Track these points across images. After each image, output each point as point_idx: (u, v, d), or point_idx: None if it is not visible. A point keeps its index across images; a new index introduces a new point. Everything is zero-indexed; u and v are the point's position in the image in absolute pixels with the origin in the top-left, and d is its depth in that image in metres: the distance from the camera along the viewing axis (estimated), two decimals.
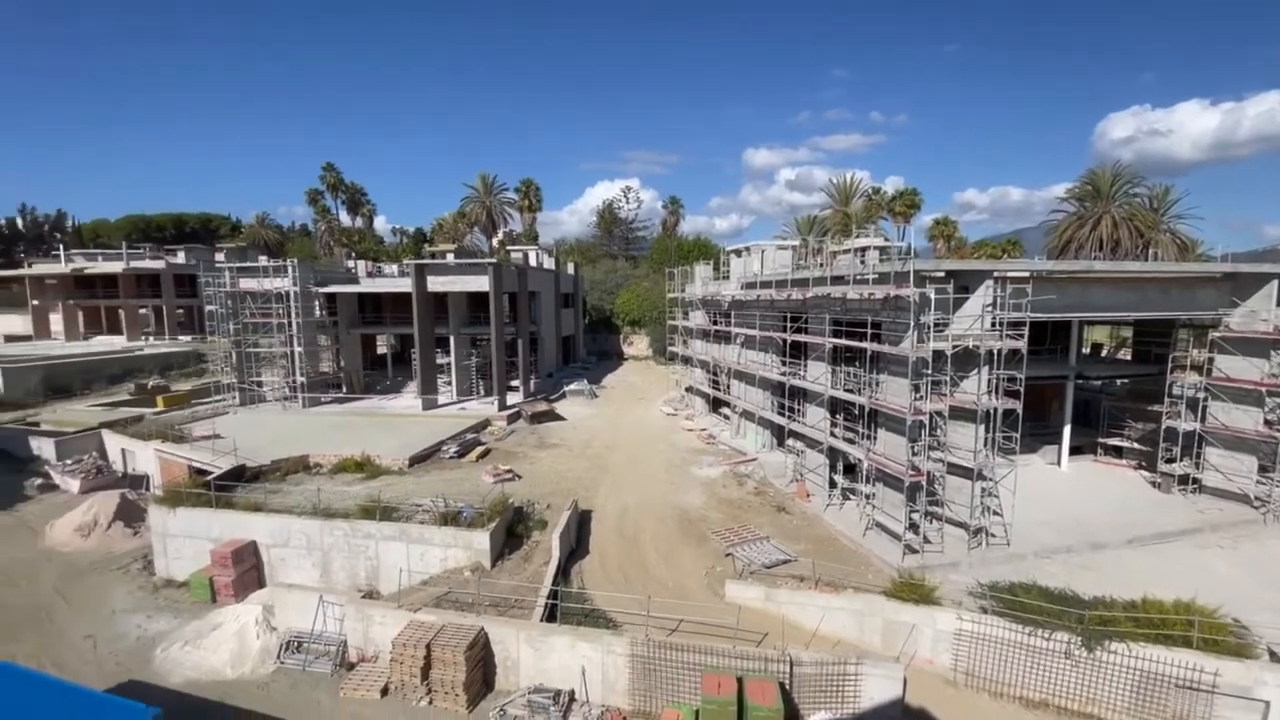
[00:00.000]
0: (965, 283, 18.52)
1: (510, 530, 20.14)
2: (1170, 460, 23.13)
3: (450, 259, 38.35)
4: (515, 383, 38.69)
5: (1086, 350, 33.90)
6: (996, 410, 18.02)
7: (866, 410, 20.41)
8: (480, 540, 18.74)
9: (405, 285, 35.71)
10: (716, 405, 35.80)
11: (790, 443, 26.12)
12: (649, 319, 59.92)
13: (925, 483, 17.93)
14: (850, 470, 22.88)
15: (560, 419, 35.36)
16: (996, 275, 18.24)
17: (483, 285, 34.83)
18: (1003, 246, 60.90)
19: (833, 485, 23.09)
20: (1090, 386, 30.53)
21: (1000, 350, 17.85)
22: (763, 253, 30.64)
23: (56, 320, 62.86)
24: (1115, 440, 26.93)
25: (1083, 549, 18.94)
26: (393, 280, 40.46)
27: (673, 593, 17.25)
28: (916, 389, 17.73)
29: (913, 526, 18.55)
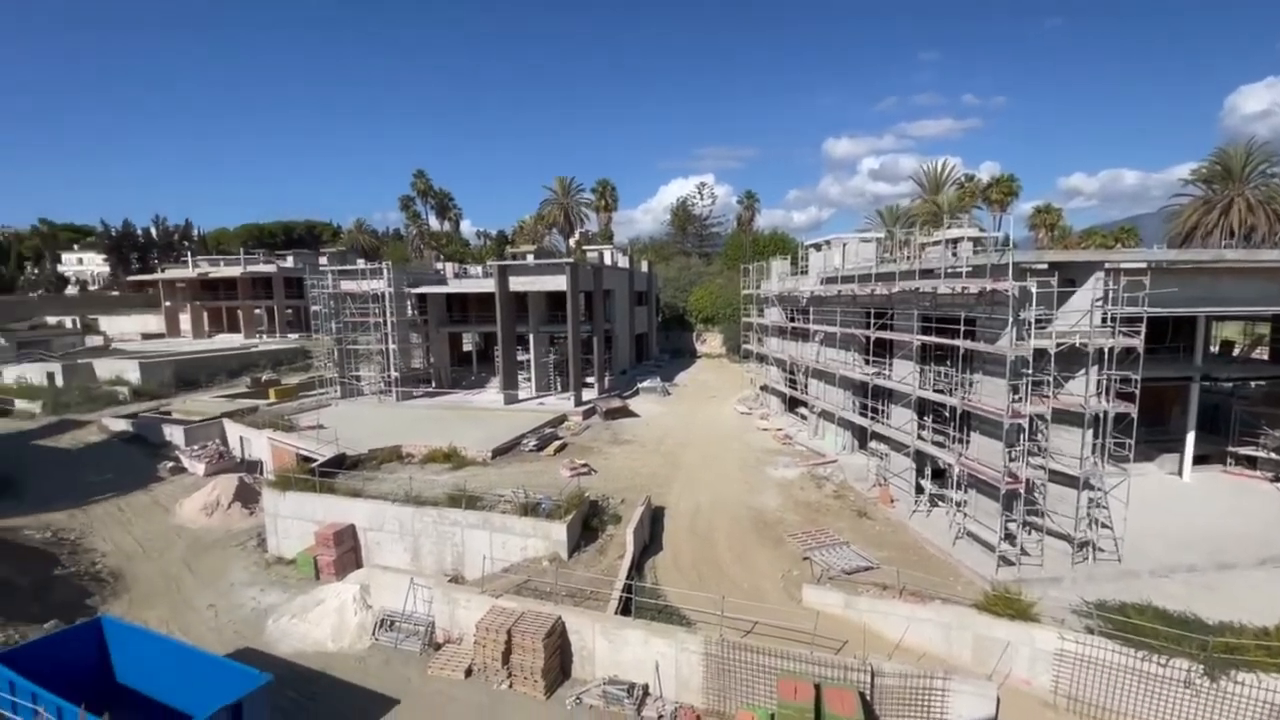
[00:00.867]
0: (1071, 275, 17.09)
1: (586, 523, 20.56)
2: None
3: (530, 260, 39.55)
4: (590, 379, 39.38)
5: (1215, 349, 30.39)
6: (1106, 414, 16.54)
7: (958, 412, 19.26)
8: (558, 531, 19.25)
9: (489, 286, 37.15)
10: (793, 405, 34.96)
11: (873, 445, 25.11)
12: (723, 316, 59.30)
13: (1024, 491, 16.74)
14: (939, 475, 21.73)
15: (634, 416, 35.69)
16: (1108, 267, 16.71)
17: (560, 285, 35.71)
18: (1115, 235, 55.85)
19: (919, 491, 22.00)
20: (1219, 389, 27.37)
21: (1112, 349, 16.36)
22: (844, 246, 29.56)
23: (185, 320, 70.11)
24: (1249, 449, 24.04)
25: (1207, 568, 17.07)
26: (477, 281, 42.18)
27: (747, 594, 17.03)
28: (1015, 390, 16.57)
29: (1009, 537, 17.38)
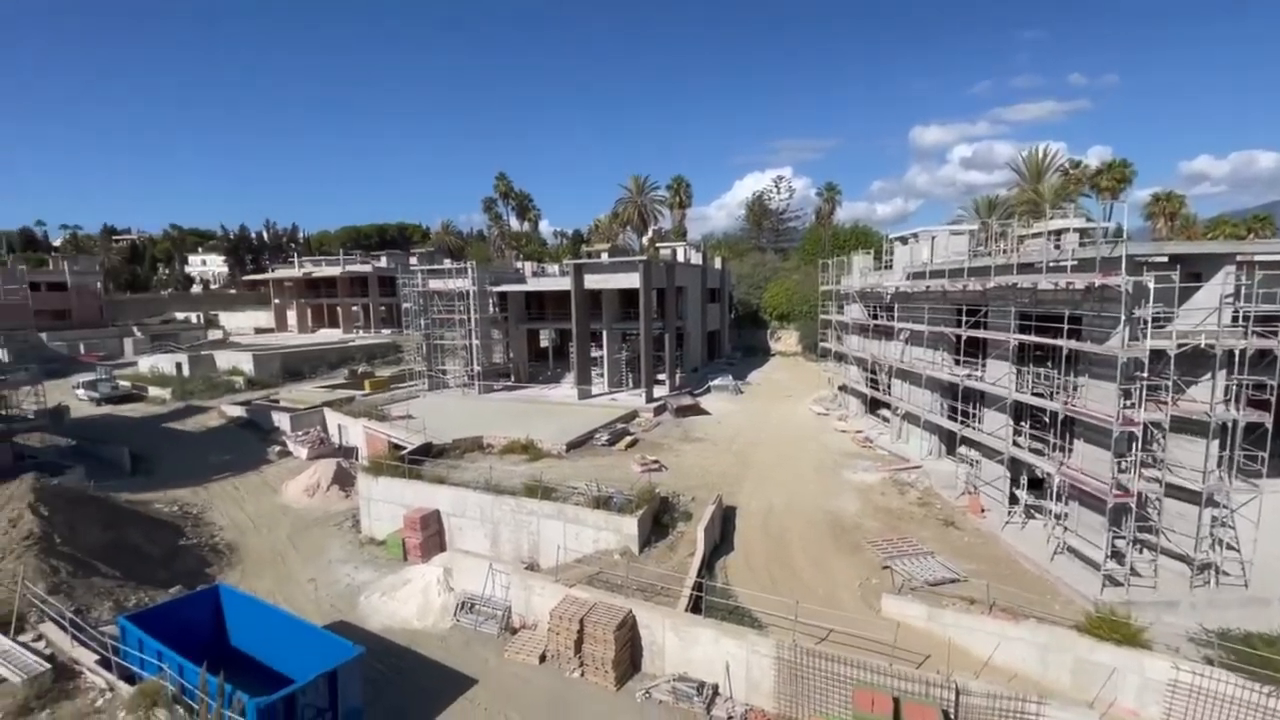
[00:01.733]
0: (1196, 268, 15.41)
1: (656, 519, 20.64)
2: None
3: (604, 258, 40.17)
4: (662, 376, 39.48)
5: None
6: (1236, 423, 14.81)
7: (1060, 418, 17.81)
8: (629, 526, 19.44)
9: (565, 284, 38.03)
10: (874, 406, 33.55)
11: (962, 451, 23.70)
12: (799, 313, 57.74)
13: (1135, 505, 15.30)
14: (1036, 485, 20.24)
15: (705, 414, 35.46)
16: (1240, 259, 14.94)
17: (633, 282, 36.02)
18: (1248, 224, 49.76)
19: (1014, 501, 20.58)
20: None
21: (1243, 350, 14.63)
22: (933, 239, 28.02)
23: (291, 315, 76.15)
24: None
25: None
26: (554, 279, 43.28)
27: (822, 600, 16.54)
28: (1127, 394, 15.17)
29: (1116, 555, 15.93)
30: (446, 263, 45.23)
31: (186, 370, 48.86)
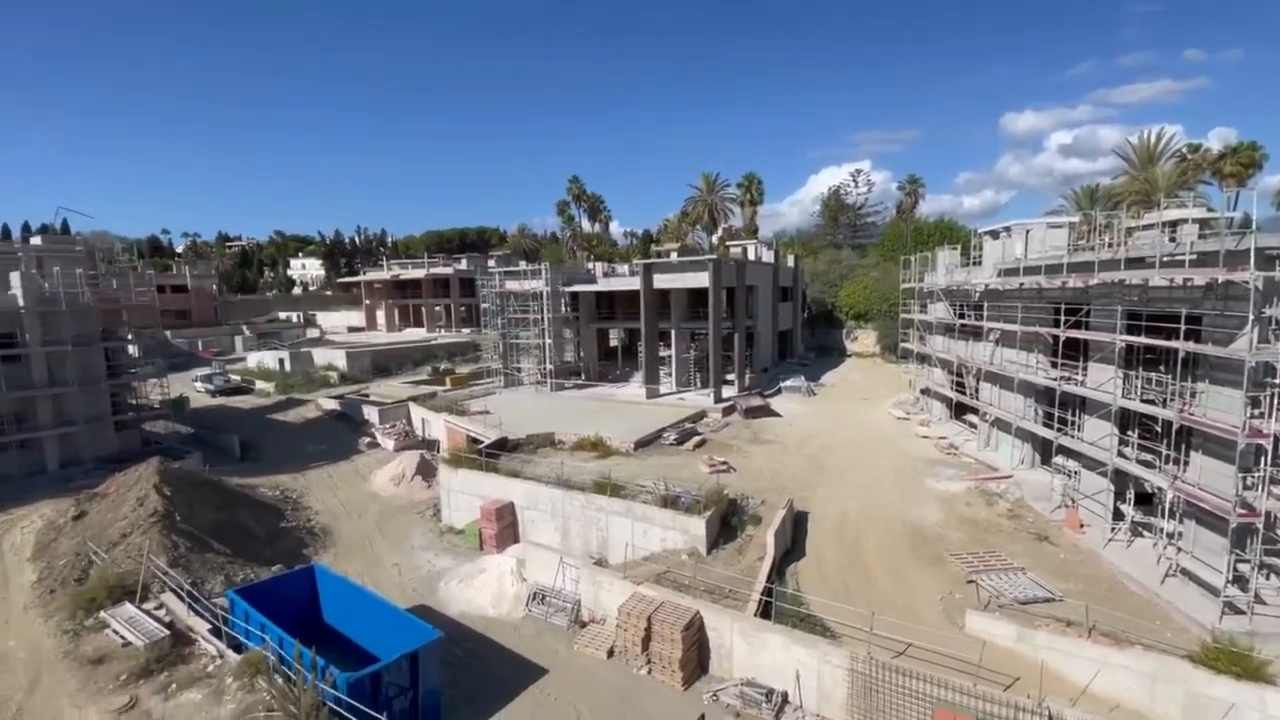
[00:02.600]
0: None
1: (725, 521, 20.43)
2: None
3: (674, 258, 40.14)
4: (731, 376, 39.01)
5: None
6: None
7: (1174, 427, 16.19)
8: (697, 526, 19.35)
9: (634, 284, 38.32)
10: (959, 411, 31.75)
11: (1059, 461, 22.01)
12: (877, 312, 55.44)
13: (1262, 526, 13.69)
14: (1144, 500, 18.52)
15: (775, 415, 34.72)
16: None
17: (702, 281, 35.79)
18: None
19: (1118, 517, 18.92)
20: None
21: None
22: (1027, 232, 26.17)
23: (380, 315, 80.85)
24: None
25: None
26: (624, 279, 43.72)
27: (900, 613, 15.81)
28: (1255, 402, 13.60)
29: (1238, 580, 14.33)
30: (522, 264, 46.70)
31: (288, 366, 52.87)
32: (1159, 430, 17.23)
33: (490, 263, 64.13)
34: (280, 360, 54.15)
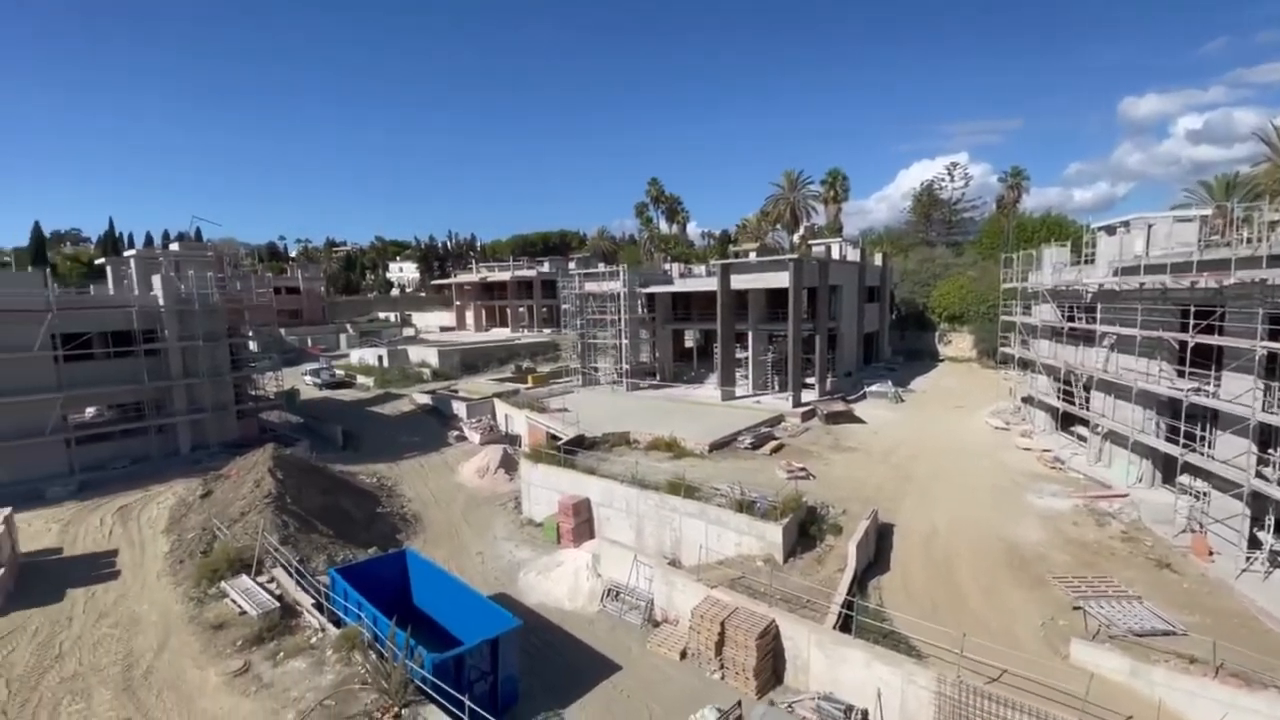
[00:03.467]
0: None
1: (803, 529, 19.86)
2: None
3: (752, 258, 39.53)
4: (811, 380, 37.86)
5: None
6: None
7: None
8: (773, 533, 18.93)
9: (711, 285, 38.02)
10: (1066, 422, 29.20)
11: (1184, 480, 19.81)
12: (974, 314, 52.07)
13: None
14: None
15: (859, 421, 33.35)
16: None
17: (782, 282, 34.96)
18: None
19: (1254, 545, 16.78)
20: None
21: None
22: (1149, 227, 23.68)
23: (469, 316, 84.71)
24: None
25: None
26: (700, 280, 43.51)
27: (994, 636, 14.76)
28: None
29: None
30: (600, 266, 47.56)
31: (386, 362, 56.49)
32: None
33: (570, 265, 65.73)
34: (379, 357, 57.92)
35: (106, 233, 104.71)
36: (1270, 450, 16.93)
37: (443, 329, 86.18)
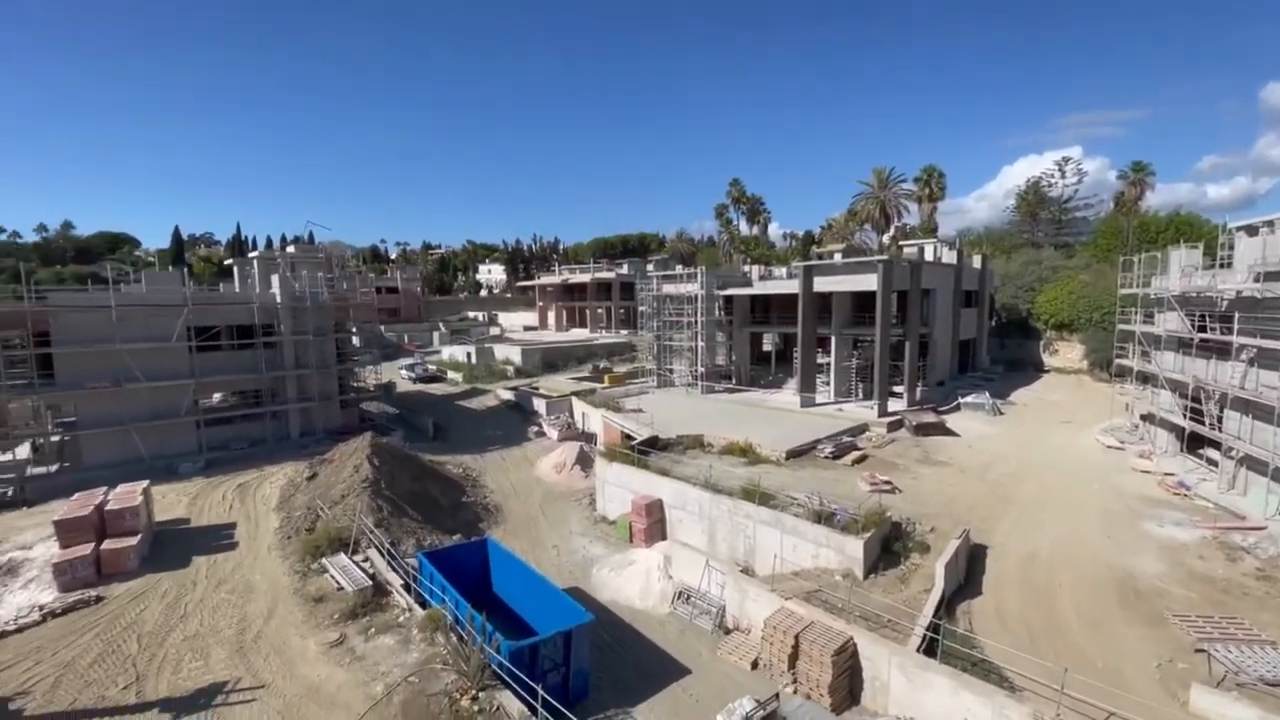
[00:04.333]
0: None
1: (886, 545, 18.96)
2: None
3: (837, 259, 38.12)
4: (898, 389, 36.06)
5: None
6: None
7: None
8: (854, 547, 18.19)
9: (792, 287, 37.08)
10: (1194, 443, 26.19)
11: None
12: (1085, 322, 47.78)
13: None
14: None
15: (951, 434, 31.43)
16: None
17: (870, 284, 33.56)
18: None
19: None
20: None
21: None
22: None
23: (551, 316, 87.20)
24: None
25: None
26: (781, 282, 42.53)
27: (1100, 675, 13.47)
28: None
29: None
30: (678, 268, 47.56)
31: (473, 359, 59.14)
32: None
33: (649, 267, 66.22)
34: (468, 354, 60.73)
35: (234, 236, 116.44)
36: None
37: (526, 328, 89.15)
